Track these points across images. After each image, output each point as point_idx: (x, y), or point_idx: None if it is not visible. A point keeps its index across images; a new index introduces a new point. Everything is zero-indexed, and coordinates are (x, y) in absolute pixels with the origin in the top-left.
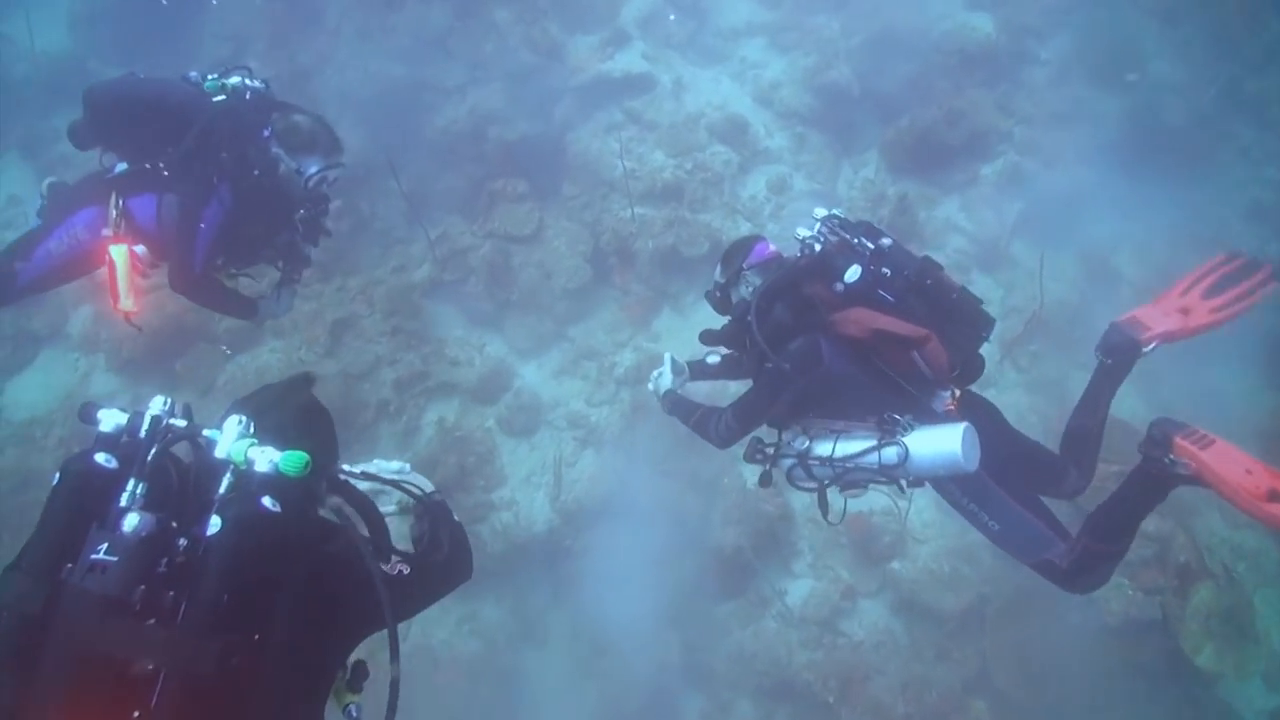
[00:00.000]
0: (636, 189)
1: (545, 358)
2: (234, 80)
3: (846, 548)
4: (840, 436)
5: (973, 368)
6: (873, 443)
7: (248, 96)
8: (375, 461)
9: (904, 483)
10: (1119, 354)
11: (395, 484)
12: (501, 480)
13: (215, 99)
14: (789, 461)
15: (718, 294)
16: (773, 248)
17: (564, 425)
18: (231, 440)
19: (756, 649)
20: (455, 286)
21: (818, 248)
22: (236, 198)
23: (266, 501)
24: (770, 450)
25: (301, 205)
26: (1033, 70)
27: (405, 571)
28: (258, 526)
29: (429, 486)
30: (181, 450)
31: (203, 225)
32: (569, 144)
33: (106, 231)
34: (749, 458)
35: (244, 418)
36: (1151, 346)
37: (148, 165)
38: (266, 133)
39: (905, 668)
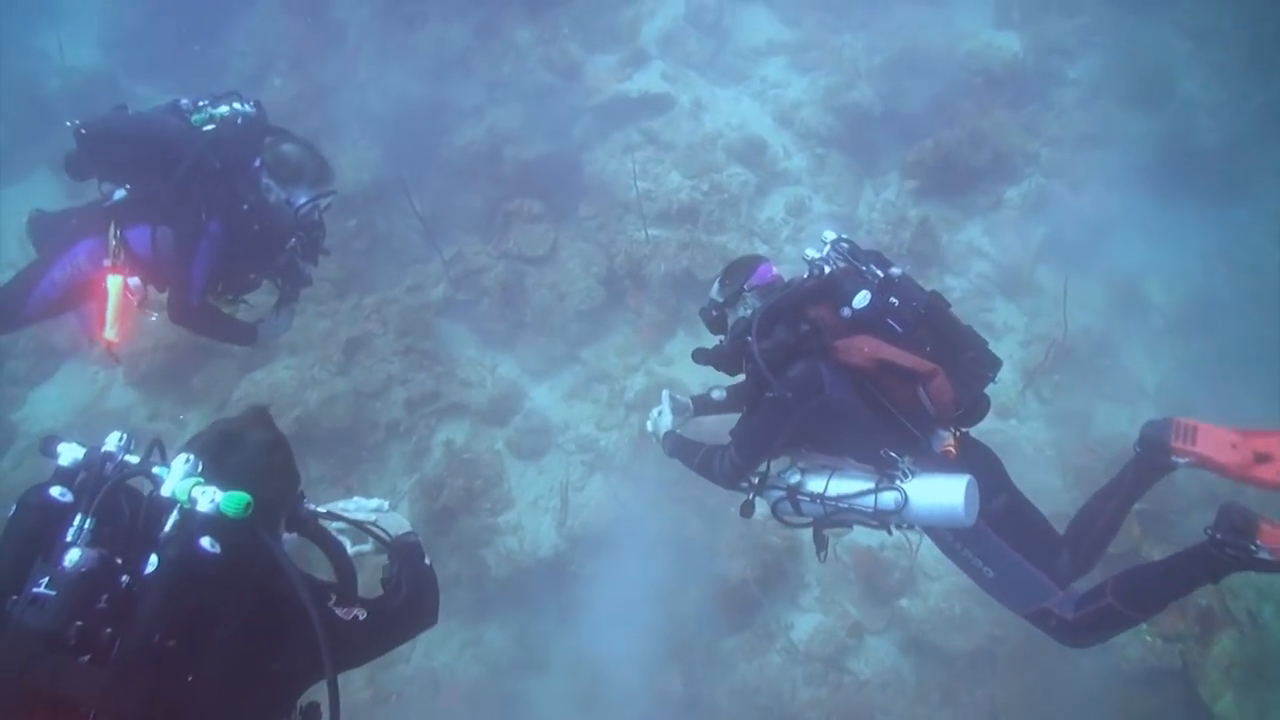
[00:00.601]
0: (652, 210)
1: (557, 380)
2: (222, 110)
3: (854, 583)
4: (834, 473)
5: (977, 409)
6: (870, 485)
7: (239, 123)
8: (355, 499)
9: (893, 527)
10: (1149, 450)
11: (361, 525)
12: (508, 504)
13: (206, 129)
14: (777, 494)
15: (713, 312)
16: (775, 270)
17: (573, 449)
18: (177, 479)
19: (760, 684)
20: (469, 306)
21: (827, 270)
22: (227, 231)
23: (205, 542)
24: (755, 479)
25: (293, 234)
26: (1061, 91)
27: (361, 617)
28: (192, 568)
29: (403, 527)
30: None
31: (197, 260)
32: (585, 164)
33: (106, 262)
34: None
35: (192, 456)
36: (1184, 462)
37: (143, 196)
38: (257, 163)
39: (910, 710)
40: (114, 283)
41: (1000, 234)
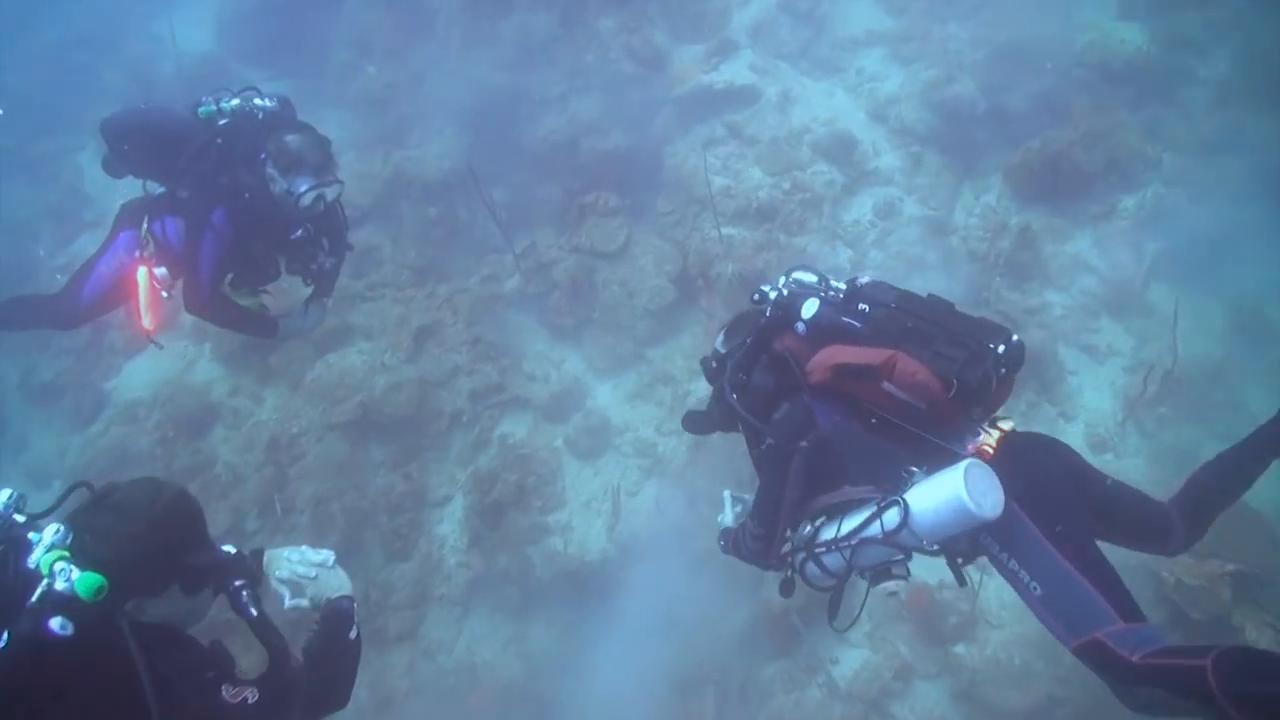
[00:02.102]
0: (729, 208)
1: (621, 379)
2: (233, 103)
3: (909, 622)
4: (846, 513)
5: (982, 389)
6: (873, 508)
7: (259, 117)
8: (302, 549)
9: (927, 548)
10: None
11: (295, 585)
12: (560, 503)
13: (220, 123)
14: (800, 556)
15: (713, 364)
16: None
17: (630, 452)
18: (43, 550)
19: (796, 719)
20: (539, 299)
21: (772, 295)
22: (231, 221)
23: (55, 623)
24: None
25: (298, 224)
26: (1188, 90)
27: (251, 700)
28: (37, 649)
29: (340, 589)
30: None
31: (202, 250)
32: (665, 158)
33: (139, 253)
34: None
35: (62, 526)
36: None
37: (170, 189)
38: (263, 155)
39: None
40: (142, 274)
41: (1110, 247)
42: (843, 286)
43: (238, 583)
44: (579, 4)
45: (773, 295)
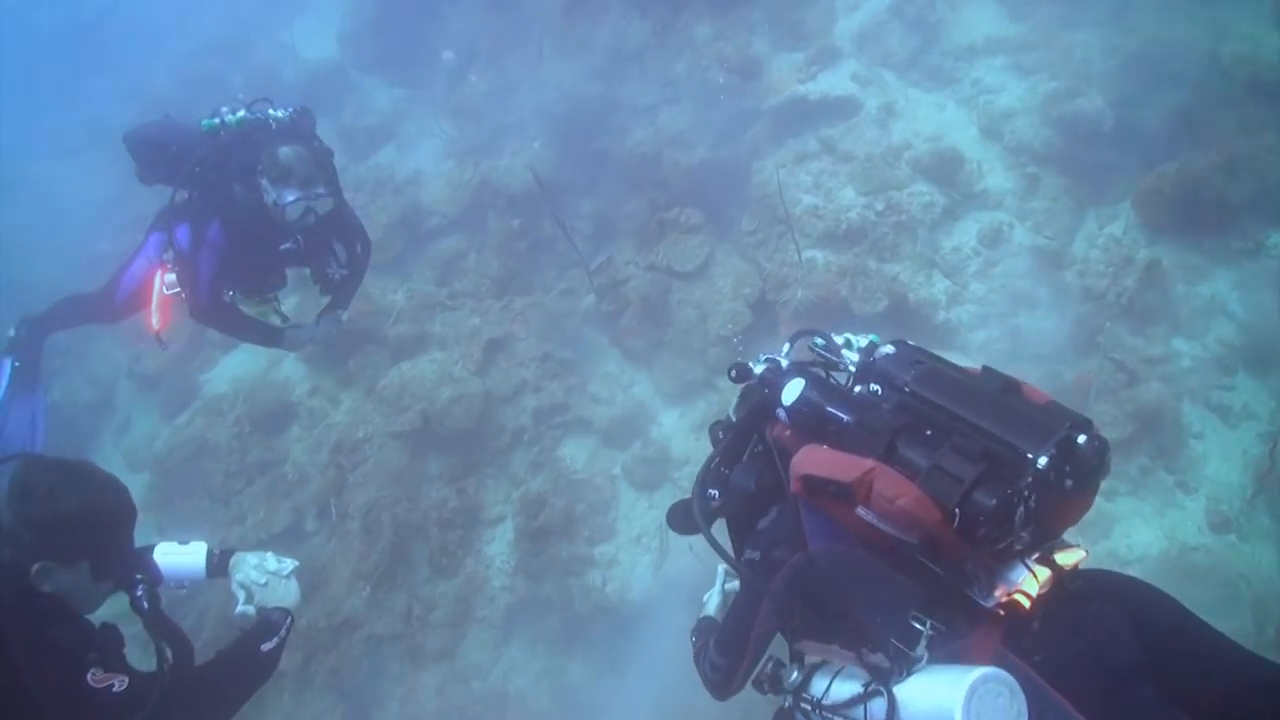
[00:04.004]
0: (816, 229)
1: (689, 407)
2: (239, 115)
3: None
4: (839, 673)
5: (983, 515)
6: (859, 689)
7: (271, 127)
8: (269, 554)
9: None
10: None
11: (249, 590)
12: (609, 534)
13: (228, 133)
14: (786, 699)
15: (720, 434)
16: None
17: (687, 487)
18: None
19: None
20: (613, 318)
21: (758, 369)
22: (226, 232)
23: None
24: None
25: (287, 236)
26: None
27: (117, 688)
28: None
29: (284, 600)
30: None
31: (200, 259)
32: (754, 173)
33: (161, 257)
34: (756, 685)
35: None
36: None
37: (189, 197)
38: (260, 166)
39: None
40: (157, 277)
41: (1254, 290)
42: (853, 357)
43: (138, 577)
44: (675, 10)
45: (759, 369)
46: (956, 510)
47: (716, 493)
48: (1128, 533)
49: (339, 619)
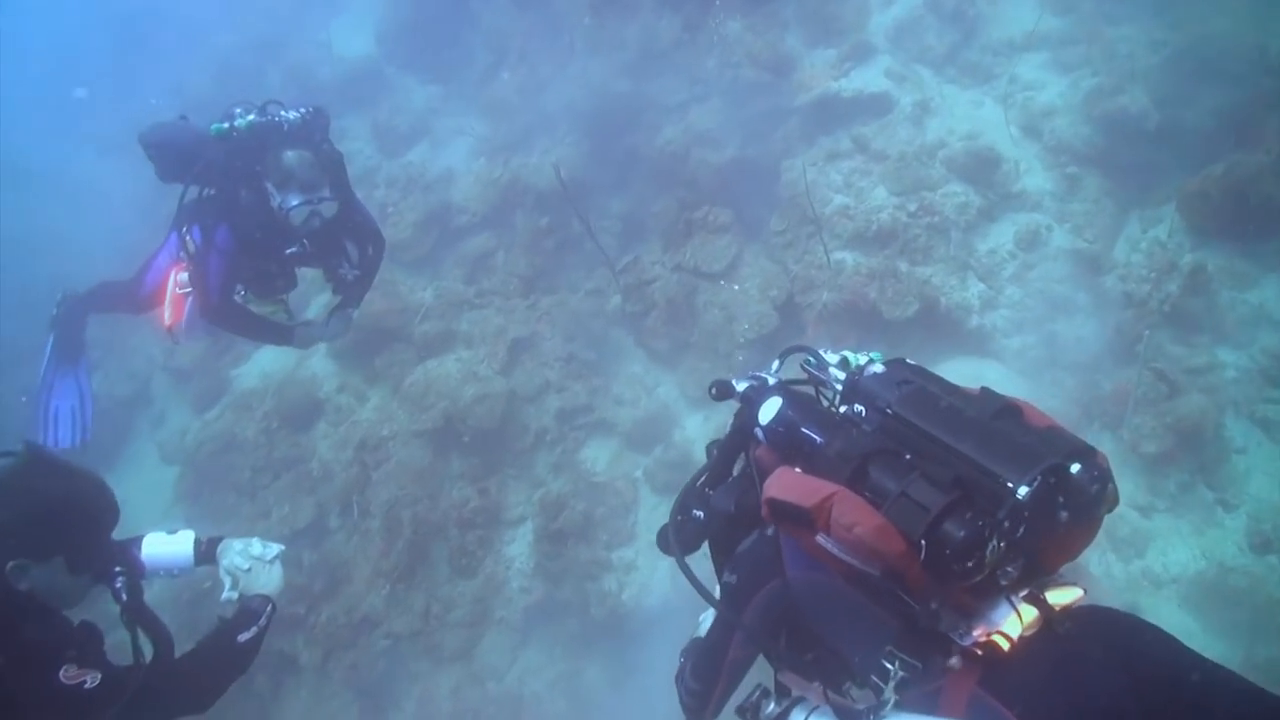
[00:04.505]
0: (846, 230)
1: (714, 410)
2: (248, 119)
3: None
4: (814, 711)
5: (951, 547)
6: None
7: (284, 129)
8: (255, 540)
9: None
10: None
11: (234, 577)
12: (629, 539)
13: (239, 136)
14: None
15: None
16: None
17: None
18: None
19: None
20: (639, 319)
21: (740, 386)
22: (234, 236)
23: None
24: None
25: (293, 240)
26: None
27: (89, 684)
28: None
29: (266, 587)
30: None
31: (209, 263)
32: (784, 171)
33: (180, 254)
34: (739, 713)
35: None
36: None
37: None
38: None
39: None
40: (171, 275)
41: None
42: (840, 376)
43: (117, 569)
44: (705, 6)
45: (741, 386)
46: (922, 541)
47: (702, 514)
48: (1164, 551)
49: (358, 616)
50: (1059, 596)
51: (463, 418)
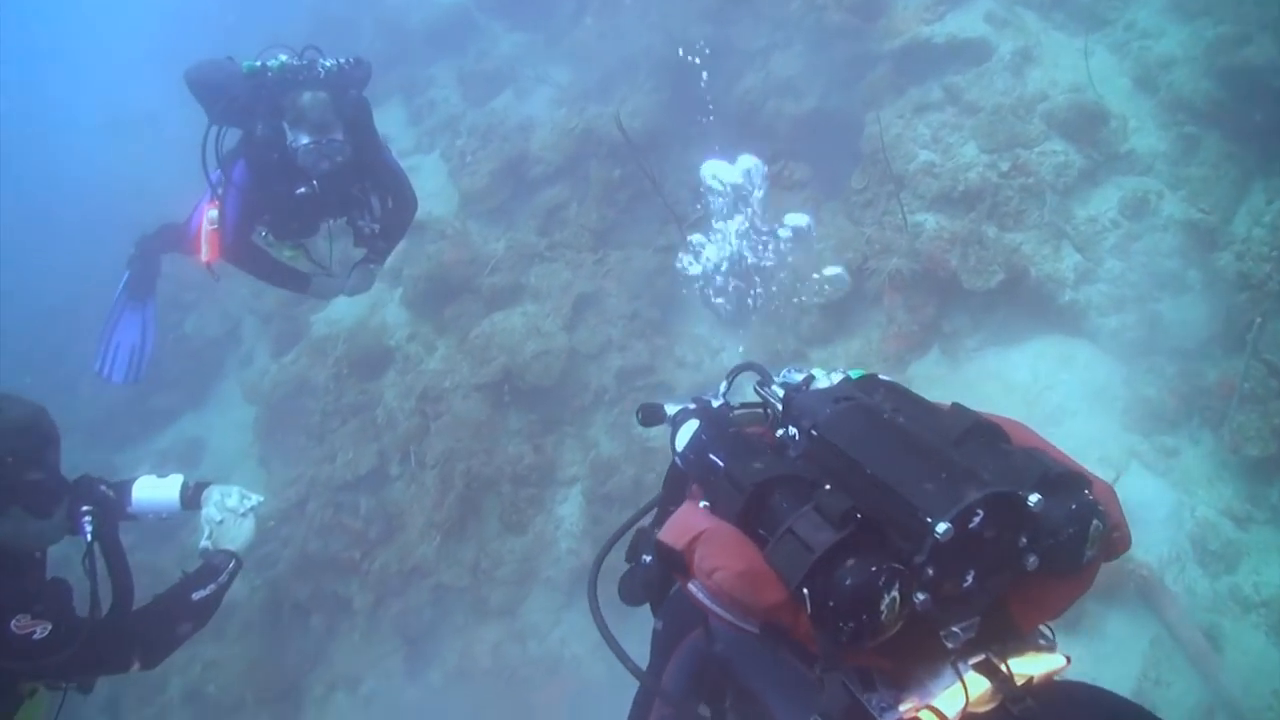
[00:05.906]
0: (930, 189)
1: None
2: (279, 60)
3: None
4: None
5: (839, 602)
6: None
7: (319, 75)
8: (234, 488)
9: None
10: None
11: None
12: None
13: (272, 76)
14: None
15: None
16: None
17: None
18: None
19: None
20: (706, 278)
21: (671, 410)
22: (251, 171)
23: None
24: None
25: (303, 180)
26: None
27: (38, 635)
28: None
29: (235, 541)
30: None
31: (227, 199)
32: (867, 124)
33: (214, 192)
34: None
35: None
36: None
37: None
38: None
39: None
40: (205, 212)
41: None
42: (777, 392)
43: (84, 508)
44: None
45: (672, 410)
46: (804, 590)
47: (649, 558)
48: (1258, 568)
49: (410, 565)
50: (1028, 665)
51: (521, 374)
